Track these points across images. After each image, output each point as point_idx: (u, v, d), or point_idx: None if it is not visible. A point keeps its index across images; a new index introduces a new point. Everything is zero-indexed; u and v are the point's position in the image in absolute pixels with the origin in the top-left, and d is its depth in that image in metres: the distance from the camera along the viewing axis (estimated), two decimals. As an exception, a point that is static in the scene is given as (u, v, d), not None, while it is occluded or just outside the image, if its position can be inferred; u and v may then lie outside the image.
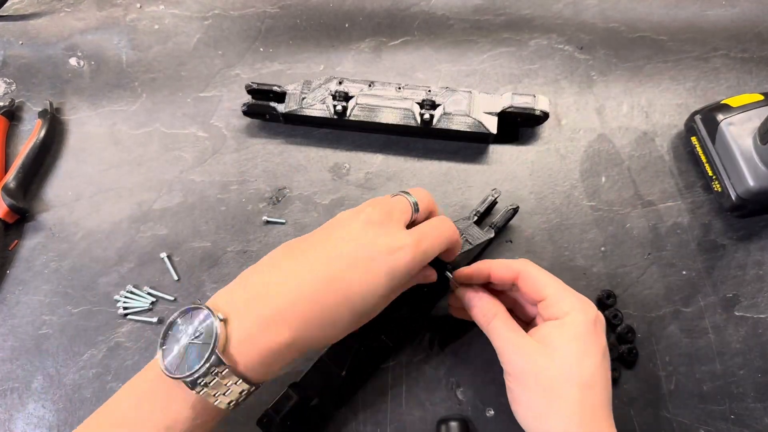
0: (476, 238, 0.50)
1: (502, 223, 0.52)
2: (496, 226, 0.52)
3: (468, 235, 0.51)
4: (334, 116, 0.56)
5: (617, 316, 0.51)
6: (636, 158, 0.57)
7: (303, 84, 0.57)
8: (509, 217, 0.52)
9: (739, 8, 0.63)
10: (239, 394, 0.36)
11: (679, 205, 0.56)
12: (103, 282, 0.55)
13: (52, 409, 0.51)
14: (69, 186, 0.59)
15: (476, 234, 0.51)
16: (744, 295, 0.52)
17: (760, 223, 0.55)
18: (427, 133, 0.57)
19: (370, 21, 0.64)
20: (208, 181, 0.58)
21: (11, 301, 0.54)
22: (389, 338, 0.48)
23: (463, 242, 0.50)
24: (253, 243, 0.55)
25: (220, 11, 0.65)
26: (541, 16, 0.64)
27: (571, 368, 0.38)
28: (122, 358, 0.52)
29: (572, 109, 0.60)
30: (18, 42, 0.65)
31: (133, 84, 0.62)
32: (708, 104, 0.55)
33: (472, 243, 0.50)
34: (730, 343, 0.51)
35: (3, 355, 0.53)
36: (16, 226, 0.57)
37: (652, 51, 0.61)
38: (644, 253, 0.54)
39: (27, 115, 0.62)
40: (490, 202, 0.52)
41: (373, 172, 0.58)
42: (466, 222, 0.51)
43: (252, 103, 0.57)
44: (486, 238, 0.51)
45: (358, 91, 0.56)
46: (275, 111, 0.57)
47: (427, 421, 0.49)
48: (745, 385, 0.50)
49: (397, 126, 0.56)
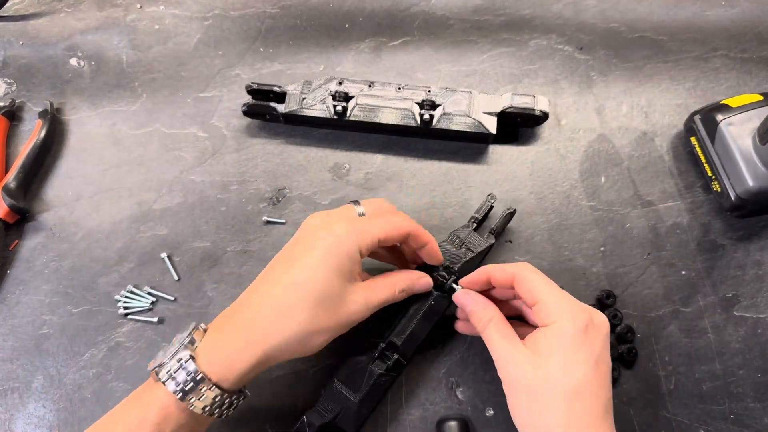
0: (477, 245, 0.50)
1: (501, 227, 0.52)
2: (495, 231, 0.52)
3: (469, 243, 0.50)
4: (334, 116, 0.56)
5: (617, 316, 0.51)
6: (636, 158, 0.57)
7: (303, 84, 0.58)
8: (507, 221, 0.52)
9: (739, 8, 0.63)
10: (213, 399, 0.38)
11: (678, 205, 0.56)
12: (104, 282, 0.55)
13: (53, 408, 0.51)
14: (69, 186, 0.59)
15: (477, 241, 0.51)
16: (743, 295, 0.53)
17: (760, 223, 0.55)
18: (427, 133, 0.57)
19: (370, 21, 0.64)
20: (209, 181, 0.58)
21: (11, 301, 0.54)
22: (402, 356, 0.47)
23: (465, 251, 0.50)
24: (254, 243, 0.56)
25: (221, 11, 0.65)
26: (540, 16, 0.64)
27: (556, 378, 0.38)
28: (122, 357, 0.52)
29: (572, 109, 0.60)
30: (18, 42, 0.65)
31: (134, 84, 0.62)
32: (707, 104, 0.55)
33: (474, 251, 0.50)
34: (729, 343, 0.51)
35: (3, 355, 0.53)
36: (17, 226, 0.57)
37: (652, 51, 0.62)
38: (644, 253, 0.54)
39: (27, 115, 0.62)
40: (487, 208, 0.52)
41: (373, 172, 0.58)
42: (466, 230, 0.51)
43: (252, 103, 0.58)
44: (487, 245, 0.51)
45: (358, 92, 0.56)
46: (275, 111, 0.57)
47: (427, 421, 0.49)
48: (745, 384, 0.50)
49: (397, 126, 0.56)
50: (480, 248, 0.50)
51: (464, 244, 0.50)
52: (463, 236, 0.51)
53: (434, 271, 0.48)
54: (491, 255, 0.54)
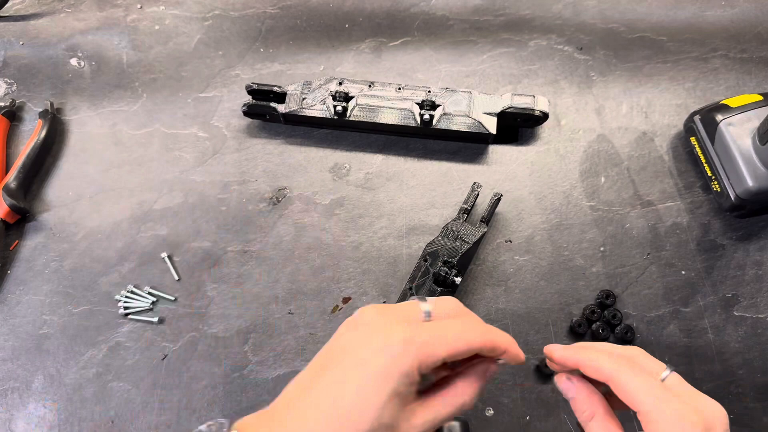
0: (471, 235, 0.51)
1: (490, 213, 0.53)
2: (485, 219, 0.53)
3: (463, 234, 0.51)
4: (334, 117, 0.56)
5: (616, 316, 0.51)
6: (635, 158, 0.58)
7: (303, 84, 0.58)
8: (495, 206, 0.53)
9: (738, 9, 0.63)
10: None
11: (678, 205, 0.56)
12: (104, 282, 0.55)
13: (53, 408, 0.51)
14: (70, 186, 0.59)
15: (470, 231, 0.52)
16: (743, 295, 0.53)
17: (759, 224, 0.55)
18: (426, 133, 0.58)
19: (370, 21, 0.64)
20: (209, 181, 0.58)
21: (12, 301, 0.54)
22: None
23: (460, 243, 0.51)
24: (254, 243, 0.56)
25: (221, 12, 0.65)
26: (540, 16, 0.64)
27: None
28: (123, 357, 0.52)
29: (572, 110, 0.60)
30: (19, 42, 0.65)
31: (134, 84, 0.63)
32: (707, 105, 0.55)
33: (469, 241, 0.51)
34: (729, 342, 0.51)
35: (4, 355, 0.53)
36: (17, 227, 0.57)
37: (652, 51, 0.62)
38: (643, 253, 0.54)
39: (28, 115, 0.62)
40: (474, 198, 0.53)
41: (373, 172, 0.58)
42: (458, 223, 0.52)
43: (252, 103, 0.58)
44: (480, 234, 0.52)
45: (358, 92, 0.57)
46: (275, 111, 0.57)
47: (427, 421, 0.49)
48: (744, 384, 0.50)
49: (397, 126, 0.56)
50: (474, 238, 0.51)
51: (459, 236, 0.51)
52: (456, 228, 0.52)
53: (435, 268, 0.49)
54: (495, 252, 0.54)
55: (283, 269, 0.55)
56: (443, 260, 0.50)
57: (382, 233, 0.56)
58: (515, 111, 0.55)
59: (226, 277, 0.55)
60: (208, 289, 0.54)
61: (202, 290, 0.54)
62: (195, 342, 0.53)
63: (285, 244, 0.55)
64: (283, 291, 0.54)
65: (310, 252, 0.55)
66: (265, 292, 0.54)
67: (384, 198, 0.57)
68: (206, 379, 0.51)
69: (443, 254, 0.50)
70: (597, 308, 0.52)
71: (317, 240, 0.56)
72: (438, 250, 0.51)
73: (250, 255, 0.55)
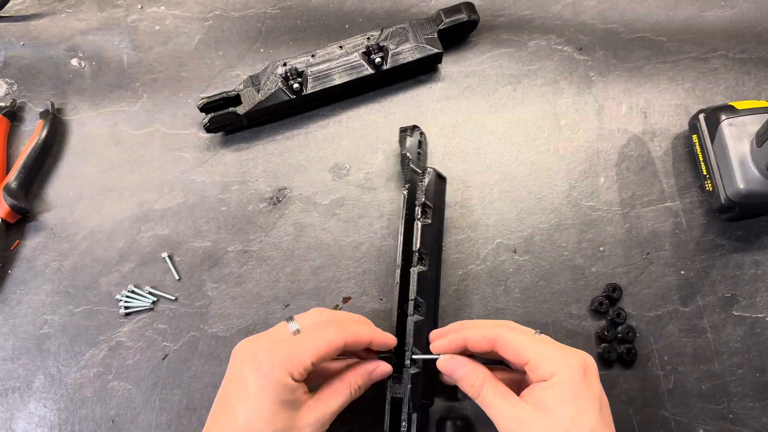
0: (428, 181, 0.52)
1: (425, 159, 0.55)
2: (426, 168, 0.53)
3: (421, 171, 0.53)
4: (293, 97, 0.57)
5: (620, 315, 0.51)
6: (634, 158, 0.58)
7: (248, 80, 0.58)
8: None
9: (738, 9, 0.63)
10: None
11: (677, 205, 0.56)
12: (105, 282, 0.55)
13: (54, 408, 0.51)
14: (70, 186, 0.59)
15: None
16: (742, 295, 0.53)
17: (758, 224, 0.55)
18: (383, 78, 0.59)
19: (371, 22, 0.64)
20: (209, 181, 0.58)
21: (13, 301, 0.55)
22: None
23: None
24: (254, 243, 0.56)
25: (221, 12, 0.66)
26: (540, 16, 0.64)
27: (567, 430, 0.37)
28: (123, 357, 0.52)
29: (571, 110, 0.60)
30: (19, 43, 0.65)
31: (134, 84, 0.63)
32: (714, 104, 0.55)
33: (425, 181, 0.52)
34: (728, 342, 0.51)
35: (4, 355, 0.53)
36: (18, 226, 0.57)
37: (651, 52, 0.62)
38: (643, 253, 0.54)
39: (28, 115, 0.62)
40: (416, 143, 0.55)
41: (373, 172, 0.58)
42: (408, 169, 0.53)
43: (213, 115, 0.57)
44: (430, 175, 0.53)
45: (304, 65, 0.58)
46: (236, 114, 0.57)
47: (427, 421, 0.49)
48: (744, 384, 0.50)
49: (354, 81, 0.58)
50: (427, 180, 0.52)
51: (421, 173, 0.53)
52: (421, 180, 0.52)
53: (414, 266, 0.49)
54: (495, 252, 0.54)
55: (283, 269, 0.55)
56: (422, 202, 0.50)
57: (382, 233, 0.56)
58: (449, 25, 0.59)
59: (227, 277, 0.55)
60: (209, 289, 0.54)
61: (203, 290, 0.54)
62: (195, 342, 0.53)
63: (285, 244, 0.56)
64: (283, 291, 0.54)
65: (310, 252, 0.55)
66: (265, 292, 0.54)
67: (384, 198, 0.57)
68: (207, 379, 0.52)
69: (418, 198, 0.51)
70: (605, 300, 0.51)
71: (317, 240, 0.56)
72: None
73: (251, 255, 0.55)
